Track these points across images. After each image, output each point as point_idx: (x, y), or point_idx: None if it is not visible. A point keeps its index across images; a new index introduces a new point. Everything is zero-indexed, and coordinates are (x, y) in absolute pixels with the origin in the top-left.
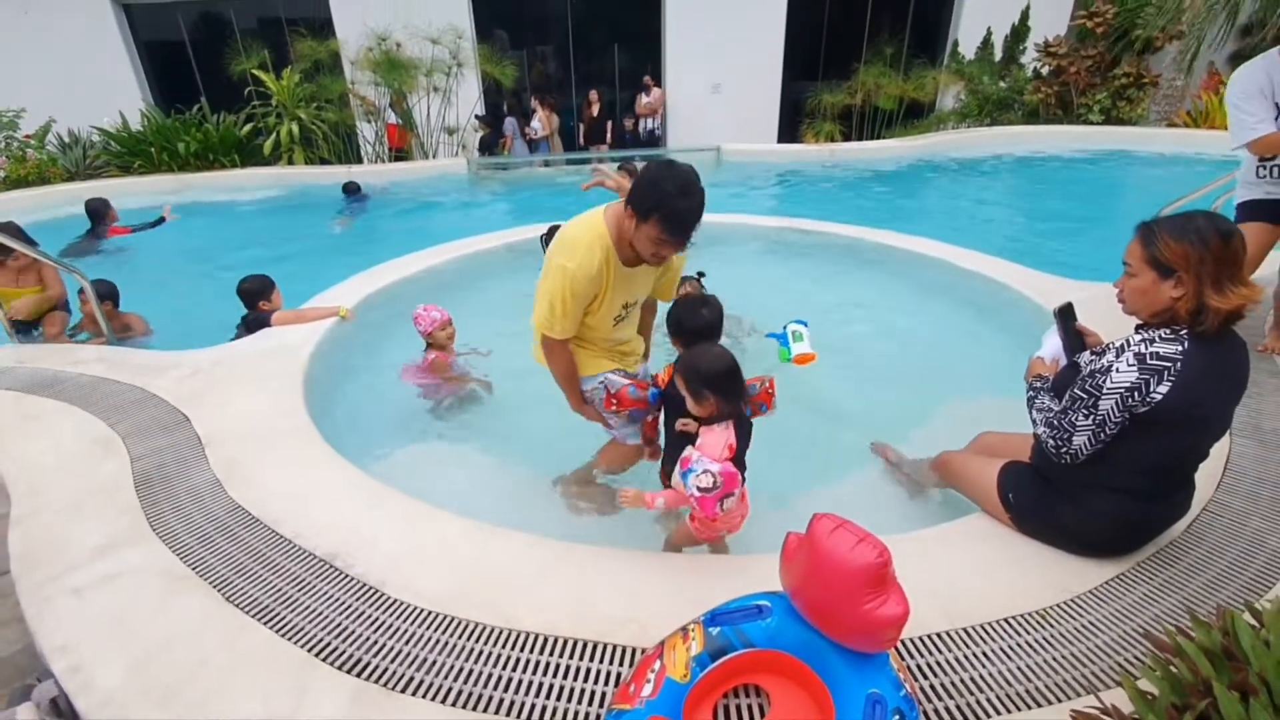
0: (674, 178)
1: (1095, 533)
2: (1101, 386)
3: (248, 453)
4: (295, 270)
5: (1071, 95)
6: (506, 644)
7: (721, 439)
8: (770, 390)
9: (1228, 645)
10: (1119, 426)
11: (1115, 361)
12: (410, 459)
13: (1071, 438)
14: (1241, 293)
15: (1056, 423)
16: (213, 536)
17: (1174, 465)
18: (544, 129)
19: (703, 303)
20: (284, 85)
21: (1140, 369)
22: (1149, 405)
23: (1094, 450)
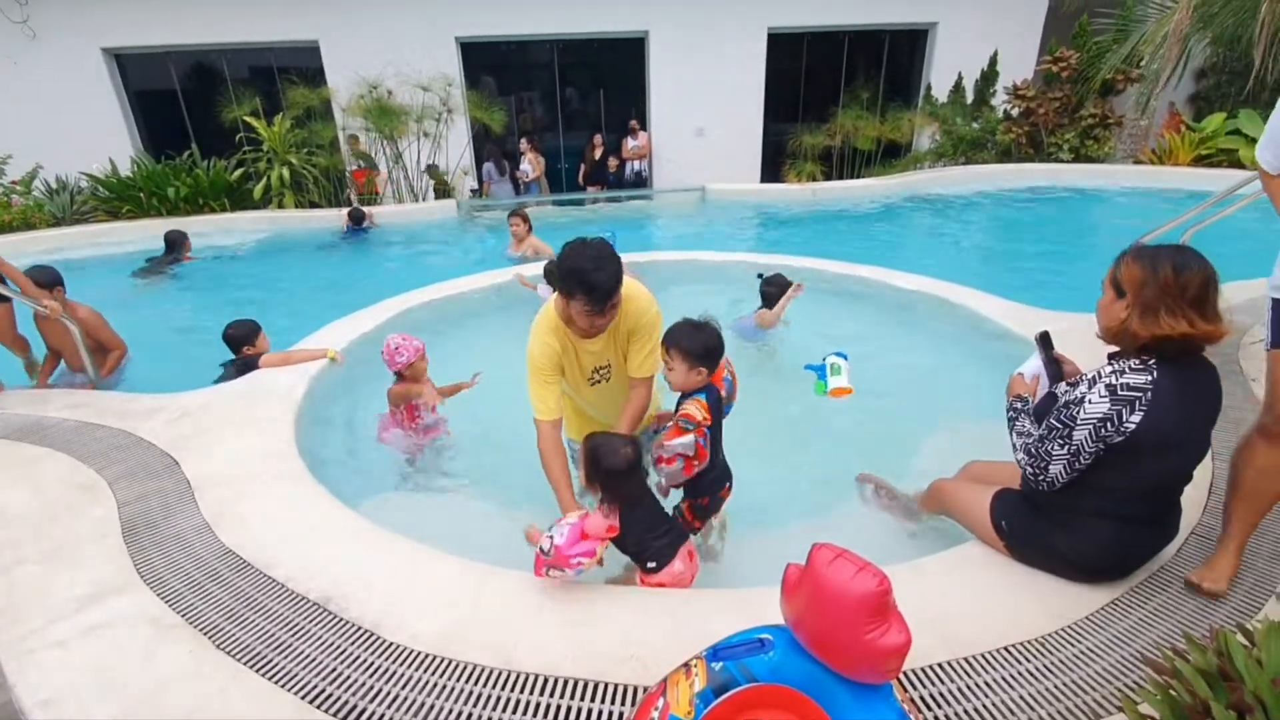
0: (587, 255)
1: (1090, 558)
2: (1075, 418)
3: (238, 496)
4: (283, 312)
5: (1041, 135)
6: (505, 685)
7: (602, 524)
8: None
9: (1223, 666)
10: (1094, 456)
11: (1088, 393)
12: (404, 499)
13: (1048, 466)
14: (1181, 327)
15: (1034, 450)
16: (202, 582)
17: (1160, 489)
18: (534, 171)
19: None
20: (275, 131)
21: (1112, 400)
22: (1124, 435)
23: (1070, 478)
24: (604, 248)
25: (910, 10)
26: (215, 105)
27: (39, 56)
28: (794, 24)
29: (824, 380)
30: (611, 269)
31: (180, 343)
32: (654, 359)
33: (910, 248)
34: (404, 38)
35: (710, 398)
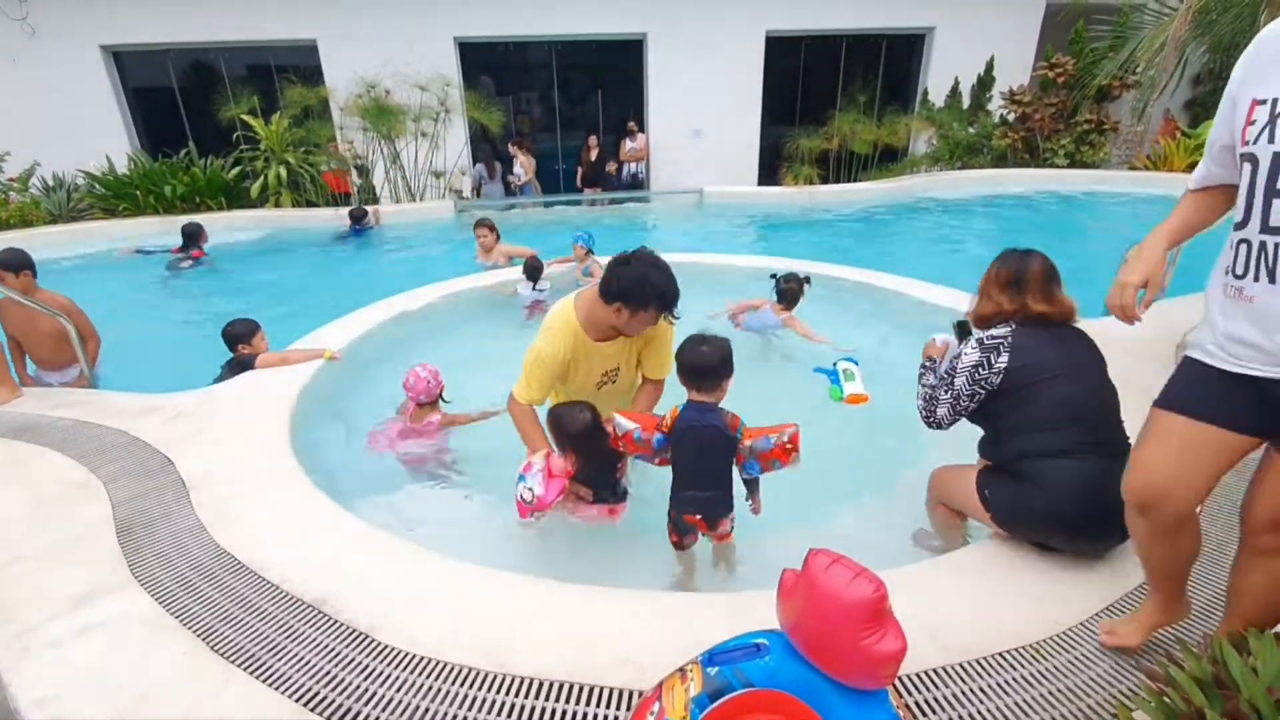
0: (657, 269)
1: (1064, 504)
2: (955, 369)
3: (234, 496)
4: (285, 311)
5: (1037, 140)
6: (501, 689)
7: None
8: (788, 445)
9: (1218, 673)
10: (973, 399)
11: (964, 350)
12: (400, 501)
13: (936, 409)
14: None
15: (928, 397)
16: (197, 583)
17: (1079, 416)
18: (526, 174)
19: (703, 340)
20: (273, 130)
21: (980, 350)
22: (999, 373)
23: (954, 418)
24: (658, 258)
25: (908, 15)
26: (213, 103)
27: (37, 54)
28: (792, 27)
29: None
30: (674, 279)
31: (180, 341)
32: (670, 362)
33: (906, 251)
34: (402, 37)
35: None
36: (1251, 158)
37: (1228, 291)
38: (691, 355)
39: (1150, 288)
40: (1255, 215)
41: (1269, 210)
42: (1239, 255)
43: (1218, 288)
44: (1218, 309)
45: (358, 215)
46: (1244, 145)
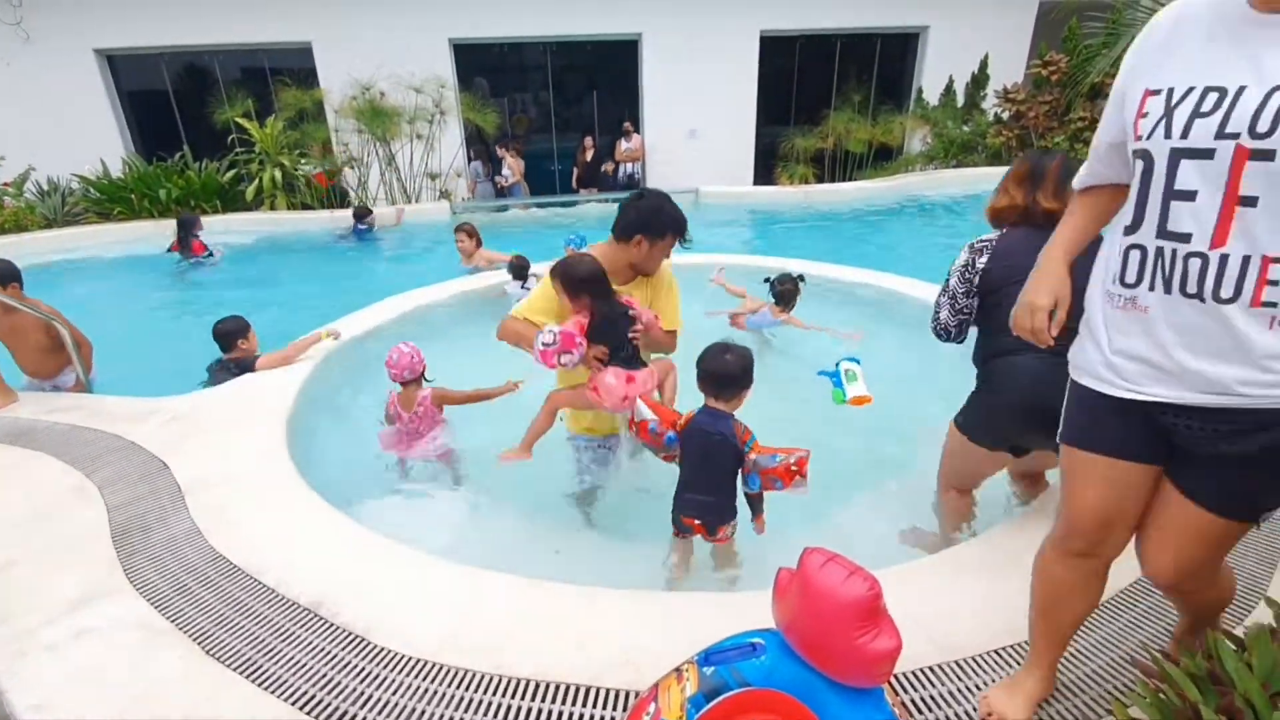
0: (664, 199)
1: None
2: (950, 272)
3: (229, 500)
4: (274, 314)
5: (1031, 138)
6: (498, 691)
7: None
8: (793, 468)
9: (1213, 669)
10: (968, 297)
11: (958, 256)
12: (396, 503)
13: (939, 314)
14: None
15: (935, 305)
16: (192, 587)
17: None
18: (514, 176)
19: (726, 349)
20: (268, 133)
21: (969, 251)
22: (979, 274)
23: (957, 321)
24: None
25: (901, 14)
26: (207, 106)
27: (31, 58)
28: (786, 27)
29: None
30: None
31: (178, 343)
32: (678, 315)
33: (902, 250)
34: (397, 39)
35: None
36: (1144, 154)
37: (1116, 302)
38: (714, 362)
39: (1060, 307)
40: (1150, 218)
41: (1166, 213)
42: (1129, 262)
43: (1101, 298)
44: (1103, 322)
45: (361, 213)
46: (1136, 140)
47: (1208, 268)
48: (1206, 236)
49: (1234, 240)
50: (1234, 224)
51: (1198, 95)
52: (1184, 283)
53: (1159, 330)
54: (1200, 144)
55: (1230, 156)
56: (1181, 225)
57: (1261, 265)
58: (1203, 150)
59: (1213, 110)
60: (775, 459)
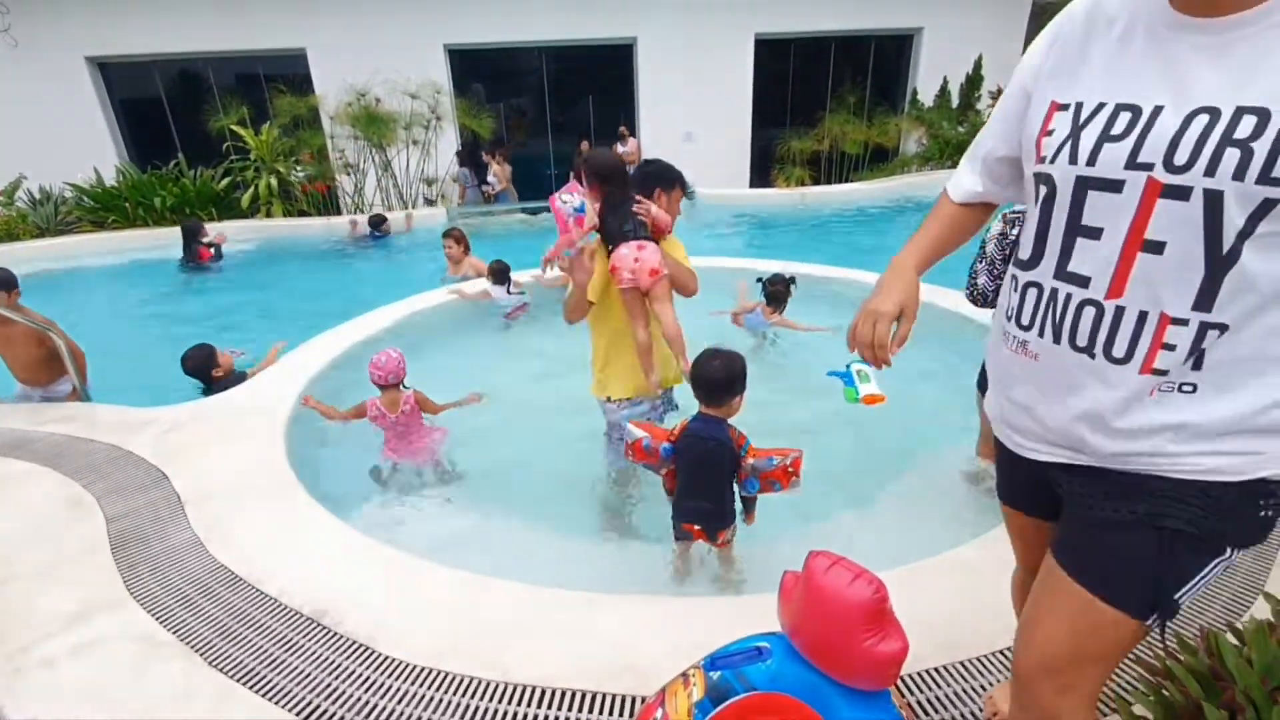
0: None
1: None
2: (985, 241)
3: (229, 510)
4: (274, 323)
5: None
6: (502, 698)
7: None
8: (789, 469)
9: (1214, 666)
10: (1005, 264)
11: (993, 224)
12: (398, 511)
13: (977, 280)
14: None
15: (970, 273)
16: (193, 598)
17: None
18: (500, 183)
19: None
20: (263, 140)
21: (1003, 223)
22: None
23: (995, 286)
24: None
25: (895, 16)
26: (202, 114)
27: (21, 66)
28: (781, 30)
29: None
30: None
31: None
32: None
33: (898, 250)
34: (392, 45)
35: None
36: (1047, 180)
37: (1010, 343)
38: (702, 369)
39: (905, 319)
40: (1050, 255)
41: (1069, 251)
42: (1026, 302)
43: (999, 336)
44: (995, 362)
45: (376, 221)
46: (1038, 161)
47: (1101, 320)
48: (1104, 283)
49: (1132, 291)
50: (1134, 271)
51: (1108, 114)
52: (1074, 334)
53: (1046, 382)
54: (1108, 173)
55: (1140, 191)
56: (1082, 267)
57: (1159, 325)
58: (1111, 181)
59: (1124, 134)
60: (772, 462)
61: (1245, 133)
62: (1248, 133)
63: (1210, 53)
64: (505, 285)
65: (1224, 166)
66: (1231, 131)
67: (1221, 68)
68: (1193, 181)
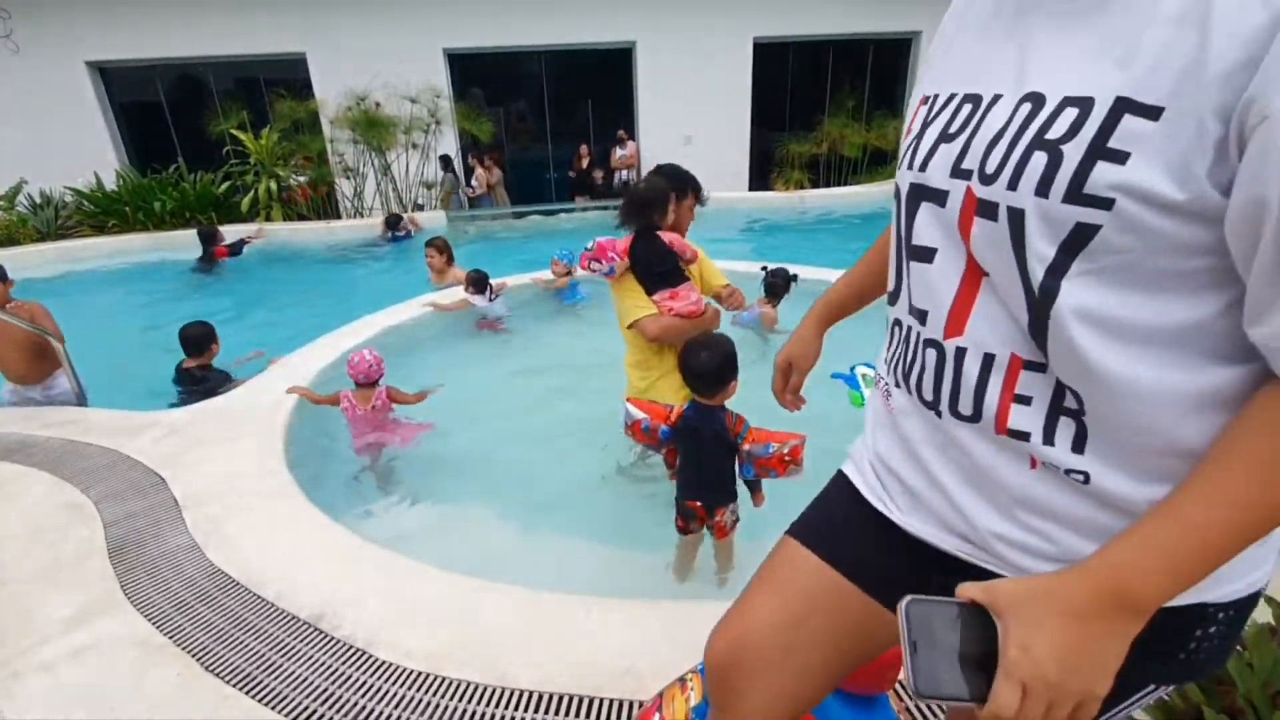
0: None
1: None
2: None
3: (227, 513)
4: (272, 324)
5: None
6: (500, 703)
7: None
8: (787, 457)
9: None
10: None
11: None
12: (397, 514)
13: None
14: None
15: None
16: (191, 603)
17: None
18: (481, 186)
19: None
20: (262, 144)
21: None
22: None
23: None
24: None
25: (893, 20)
26: (201, 118)
27: (22, 71)
28: (779, 33)
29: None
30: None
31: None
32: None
33: None
34: (392, 50)
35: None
36: (896, 190)
37: (880, 387)
38: (691, 360)
39: (797, 371)
40: (904, 283)
41: (911, 278)
42: (892, 339)
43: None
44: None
45: (392, 222)
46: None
47: (944, 366)
48: (941, 319)
49: (974, 328)
50: (976, 304)
51: (954, 107)
52: (920, 383)
53: (911, 441)
54: (935, 181)
55: (959, 205)
56: (922, 299)
57: (1009, 370)
58: (936, 191)
59: (958, 131)
60: (769, 449)
61: (1060, 130)
62: (1063, 130)
63: (1064, 21)
64: (485, 294)
65: (1027, 176)
66: (1047, 128)
67: (1069, 42)
68: (998, 196)
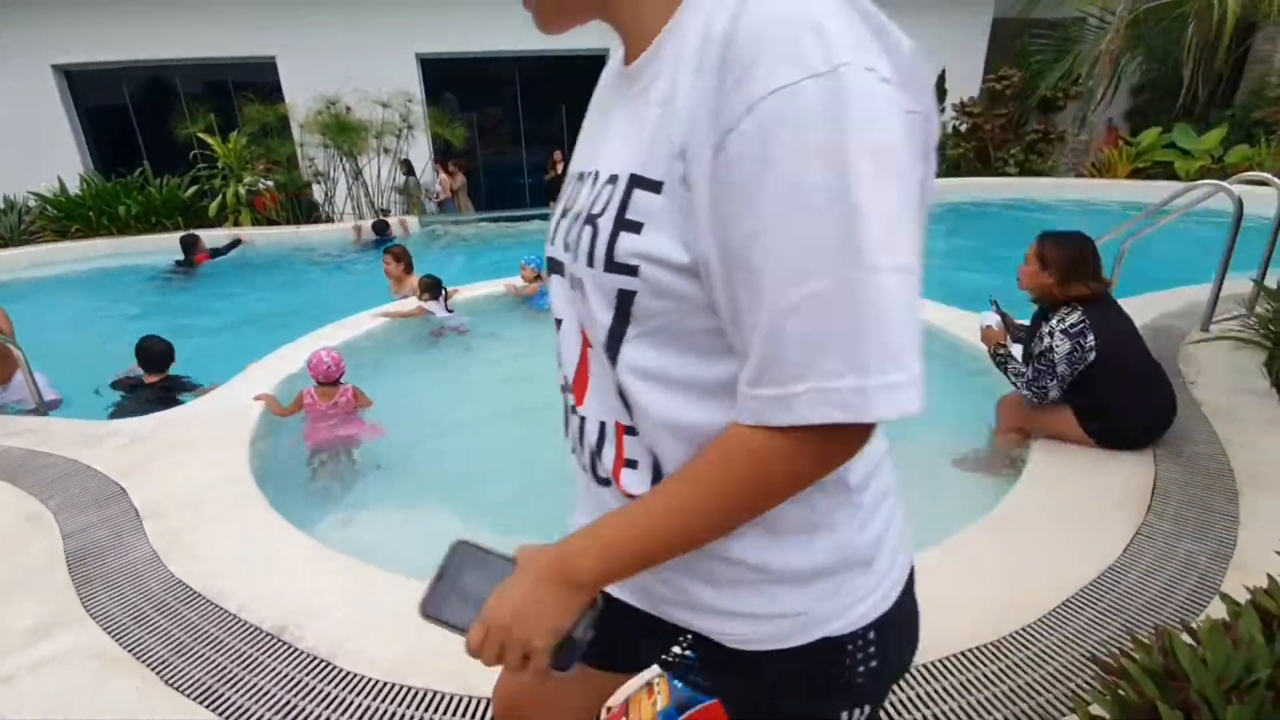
0: None
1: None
2: (1054, 360)
3: (189, 524)
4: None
5: (989, 150)
6: (468, 714)
7: None
8: None
9: (1169, 665)
10: (1076, 373)
11: (1051, 341)
12: (363, 523)
13: (1048, 393)
14: (1078, 289)
15: (1033, 387)
16: (150, 615)
17: (1142, 374)
18: (444, 191)
19: None
20: (230, 148)
21: (1069, 338)
22: (1094, 351)
23: (1062, 393)
24: None
25: None
26: (168, 122)
27: None
28: None
29: None
30: None
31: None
32: None
33: None
34: (363, 54)
35: None
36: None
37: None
38: None
39: None
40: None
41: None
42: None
43: None
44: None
45: (380, 227)
46: None
47: (582, 433)
48: (571, 388)
49: (590, 397)
50: (590, 373)
51: (574, 183)
52: (575, 449)
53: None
54: (556, 253)
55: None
56: (563, 368)
57: (616, 436)
58: (555, 262)
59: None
60: None
61: (599, 205)
62: (601, 206)
63: (624, 106)
64: (440, 299)
65: (582, 249)
66: (593, 204)
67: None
68: (573, 267)
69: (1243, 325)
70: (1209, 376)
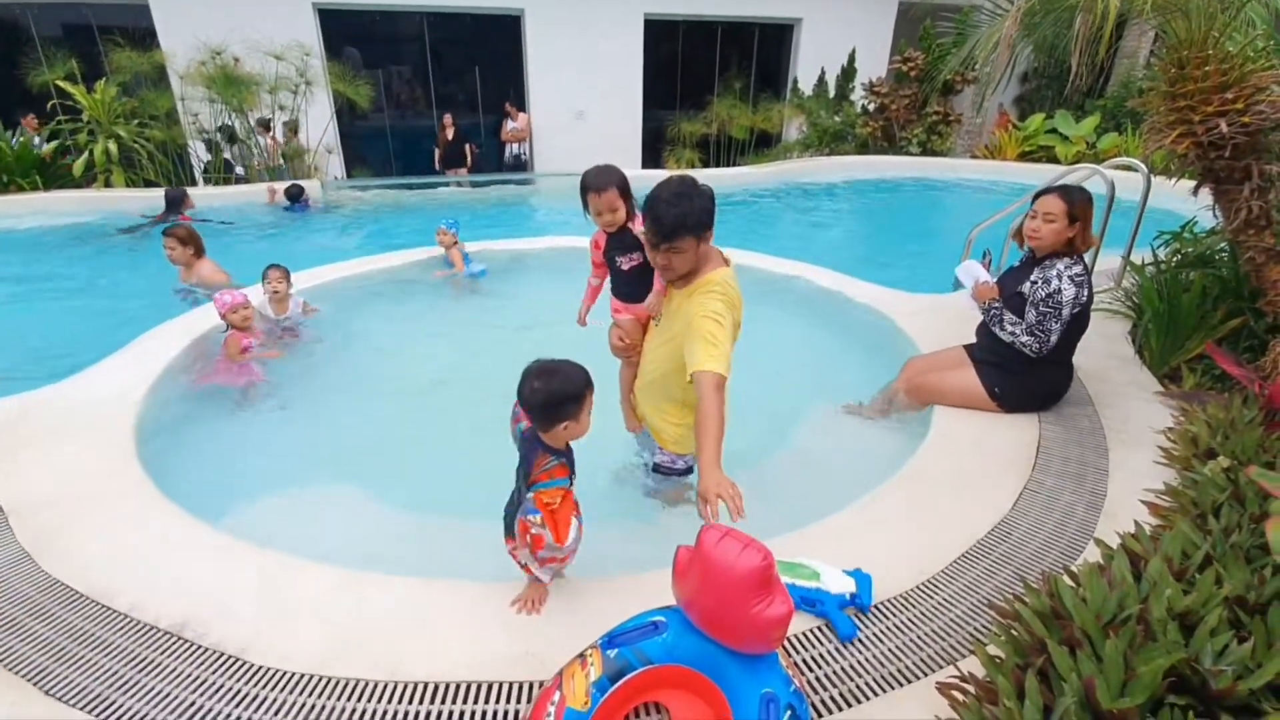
0: (668, 186)
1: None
2: (1060, 302)
3: (66, 519)
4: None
5: (894, 129)
6: (394, 699)
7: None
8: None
9: (1055, 606)
10: (1068, 321)
11: (1059, 284)
12: (271, 507)
13: (1050, 337)
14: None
15: (1035, 331)
16: (22, 620)
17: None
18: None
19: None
20: (97, 99)
21: (1074, 284)
22: (1083, 304)
23: (1058, 339)
24: (688, 186)
25: (776, 5)
26: (20, 68)
27: None
28: (668, 11)
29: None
30: (687, 206)
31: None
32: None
33: (781, 233)
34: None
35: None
36: None
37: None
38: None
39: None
40: None
41: None
42: None
43: None
44: None
45: (294, 193)
46: None
47: None
48: None
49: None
50: None
51: None
52: None
53: None
54: None
55: None
56: None
57: None
58: None
59: None
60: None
61: None
62: None
63: None
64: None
65: None
66: None
67: None
68: None
69: (1112, 298)
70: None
